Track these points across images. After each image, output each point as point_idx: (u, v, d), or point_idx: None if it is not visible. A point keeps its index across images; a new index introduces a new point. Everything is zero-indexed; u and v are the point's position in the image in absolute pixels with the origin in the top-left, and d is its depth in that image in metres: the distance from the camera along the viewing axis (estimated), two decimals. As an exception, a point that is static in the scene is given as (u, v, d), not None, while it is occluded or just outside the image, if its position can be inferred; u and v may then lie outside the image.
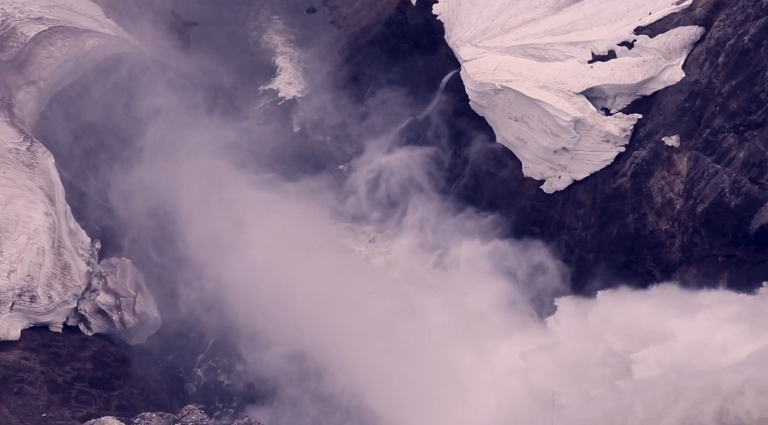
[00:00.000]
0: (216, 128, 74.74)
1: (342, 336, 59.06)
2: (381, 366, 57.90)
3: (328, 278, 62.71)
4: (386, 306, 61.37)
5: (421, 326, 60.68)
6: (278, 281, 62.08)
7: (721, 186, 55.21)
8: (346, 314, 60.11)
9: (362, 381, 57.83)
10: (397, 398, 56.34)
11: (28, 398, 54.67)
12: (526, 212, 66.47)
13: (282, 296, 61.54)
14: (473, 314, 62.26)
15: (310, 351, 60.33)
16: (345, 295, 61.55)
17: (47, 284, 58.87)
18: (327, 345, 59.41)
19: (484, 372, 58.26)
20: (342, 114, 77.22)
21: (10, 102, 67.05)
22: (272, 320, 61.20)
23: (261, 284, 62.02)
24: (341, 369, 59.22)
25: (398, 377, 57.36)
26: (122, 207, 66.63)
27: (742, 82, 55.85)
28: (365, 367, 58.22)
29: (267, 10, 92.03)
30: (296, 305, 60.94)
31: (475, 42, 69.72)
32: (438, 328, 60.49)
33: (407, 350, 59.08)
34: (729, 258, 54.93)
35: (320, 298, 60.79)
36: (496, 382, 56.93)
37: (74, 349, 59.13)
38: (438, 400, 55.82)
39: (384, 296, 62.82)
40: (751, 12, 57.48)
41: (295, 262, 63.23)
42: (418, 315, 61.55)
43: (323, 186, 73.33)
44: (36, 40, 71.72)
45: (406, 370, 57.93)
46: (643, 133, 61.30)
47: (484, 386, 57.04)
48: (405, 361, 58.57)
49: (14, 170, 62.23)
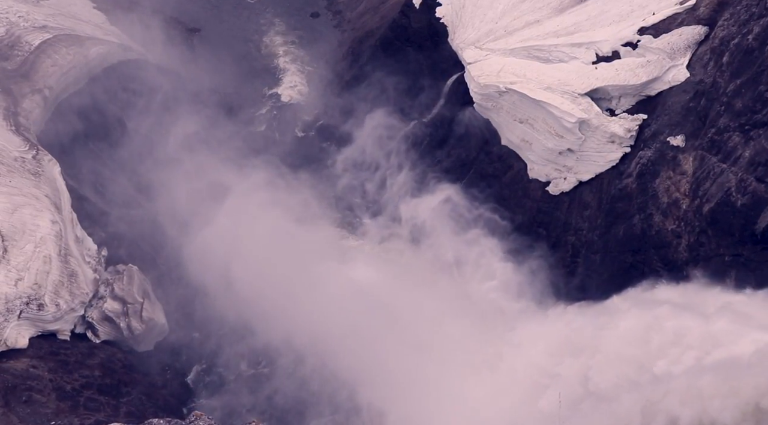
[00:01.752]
0: (221, 133, 74.87)
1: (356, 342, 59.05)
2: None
3: (331, 279, 62.80)
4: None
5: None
6: (286, 285, 62.13)
7: (728, 185, 55.10)
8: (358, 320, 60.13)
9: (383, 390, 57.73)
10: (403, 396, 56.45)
11: (36, 406, 54.77)
12: (532, 214, 66.43)
13: (288, 299, 61.59)
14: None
15: (319, 355, 60.36)
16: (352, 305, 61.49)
17: (54, 292, 58.97)
18: (337, 354, 59.41)
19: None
20: (346, 118, 77.26)
21: (16, 111, 67.22)
22: (280, 325, 61.24)
23: (269, 288, 62.07)
24: (348, 371, 59.21)
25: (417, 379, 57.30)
26: (128, 214, 66.71)
27: (747, 82, 55.73)
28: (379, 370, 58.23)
29: (270, 15, 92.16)
30: (303, 312, 61.00)
31: (479, 44, 69.71)
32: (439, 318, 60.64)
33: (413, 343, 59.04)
34: (736, 257, 54.81)
35: (328, 306, 60.80)
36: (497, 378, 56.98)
37: (82, 356, 59.24)
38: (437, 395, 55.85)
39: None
40: (755, 11, 57.35)
41: (298, 267, 63.17)
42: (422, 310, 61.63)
43: (325, 189, 73.34)
44: (41, 49, 71.97)
45: (417, 369, 57.89)
46: (649, 133, 61.21)
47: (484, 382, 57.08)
48: (414, 358, 58.52)
49: (20, 178, 62.37)
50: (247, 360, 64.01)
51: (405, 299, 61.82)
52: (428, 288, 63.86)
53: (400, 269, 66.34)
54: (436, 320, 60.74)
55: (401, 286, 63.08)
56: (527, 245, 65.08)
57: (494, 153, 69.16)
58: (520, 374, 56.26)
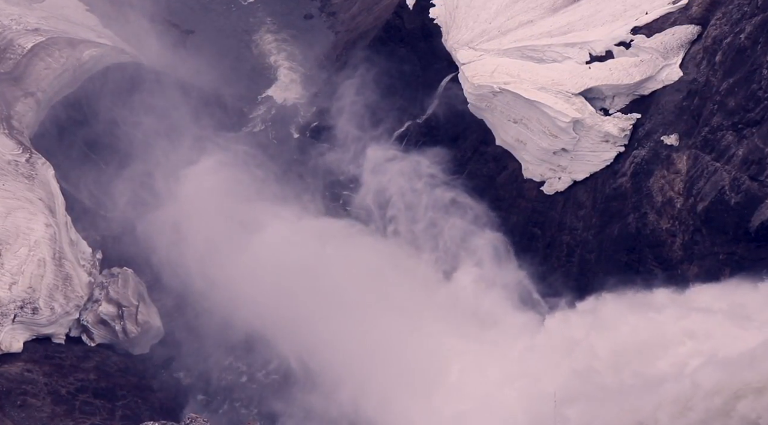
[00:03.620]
0: (215, 135, 74.80)
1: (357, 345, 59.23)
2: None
3: (333, 282, 62.89)
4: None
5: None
6: (282, 286, 62.14)
7: (721, 184, 55.21)
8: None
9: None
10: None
11: (31, 410, 54.69)
12: (527, 214, 66.45)
13: (287, 300, 61.63)
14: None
15: (316, 356, 60.42)
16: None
17: (49, 295, 58.87)
18: (335, 357, 59.49)
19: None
20: (341, 119, 77.23)
21: (9, 114, 67.15)
22: (277, 326, 61.24)
23: (265, 291, 62.04)
24: (348, 375, 59.26)
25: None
26: (122, 217, 66.63)
27: (740, 80, 55.84)
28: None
29: (264, 17, 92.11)
30: (299, 309, 61.02)
31: (472, 45, 69.73)
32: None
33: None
34: (730, 256, 54.90)
35: (329, 302, 60.94)
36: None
37: (77, 360, 59.15)
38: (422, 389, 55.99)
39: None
40: (747, 10, 57.47)
41: (299, 269, 63.19)
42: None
43: (323, 190, 73.38)
44: (33, 52, 71.77)
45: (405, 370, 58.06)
46: (642, 132, 61.29)
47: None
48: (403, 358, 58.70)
49: (14, 182, 62.32)
50: (242, 362, 63.91)
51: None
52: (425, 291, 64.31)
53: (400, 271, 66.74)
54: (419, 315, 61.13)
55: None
56: (522, 244, 65.17)
57: (489, 153, 69.19)
58: (514, 376, 56.31)
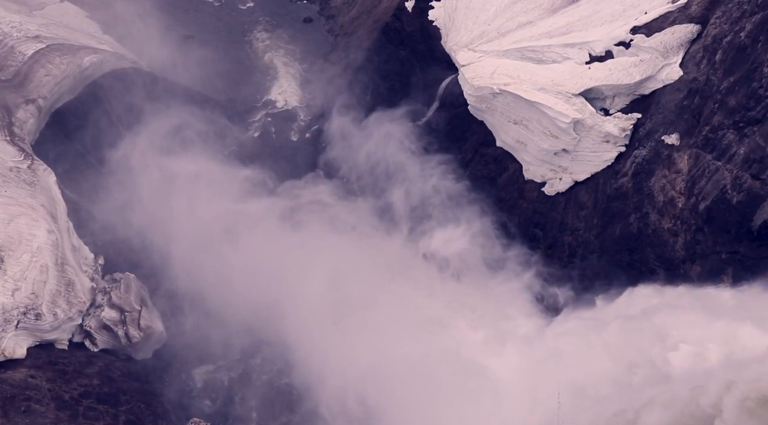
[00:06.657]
0: (215, 140, 74.83)
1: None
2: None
3: (334, 283, 62.93)
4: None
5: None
6: (280, 288, 62.24)
7: (723, 183, 55.20)
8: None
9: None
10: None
11: (35, 416, 54.66)
12: (528, 215, 66.46)
13: (286, 301, 61.66)
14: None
15: (315, 357, 60.44)
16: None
17: (52, 301, 58.90)
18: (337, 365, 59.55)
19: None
20: (341, 123, 77.23)
21: (10, 121, 67.21)
22: (279, 329, 61.26)
23: (264, 293, 62.07)
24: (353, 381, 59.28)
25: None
26: (123, 222, 66.62)
27: (740, 79, 55.86)
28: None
29: (263, 20, 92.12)
30: (301, 311, 61.08)
31: (472, 46, 69.79)
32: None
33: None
34: (732, 255, 54.91)
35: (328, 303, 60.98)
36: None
37: (80, 365, 59.13)
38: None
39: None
40: (746, 8, 57.52)
41: (293, 269, 63.25)
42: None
43: (323, 193, 73.36)
44: (34, 59, 71.85)
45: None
46: (643, 132, 61.31)
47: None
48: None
49: (16, 188, 62.34)
50: (247, 365, 63.93)
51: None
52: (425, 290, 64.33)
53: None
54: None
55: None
56: (524, 246, 65.21)
57: (489, 155, 69.22)
58: (513, 377, 56.27)
